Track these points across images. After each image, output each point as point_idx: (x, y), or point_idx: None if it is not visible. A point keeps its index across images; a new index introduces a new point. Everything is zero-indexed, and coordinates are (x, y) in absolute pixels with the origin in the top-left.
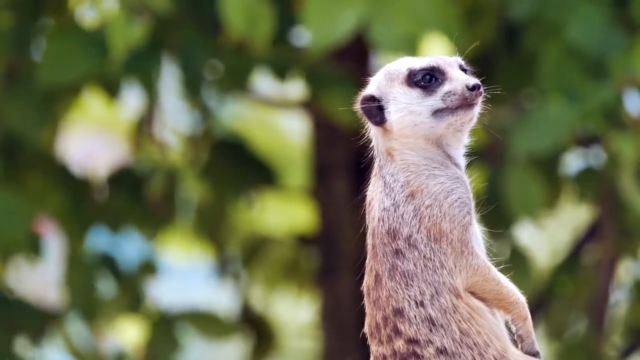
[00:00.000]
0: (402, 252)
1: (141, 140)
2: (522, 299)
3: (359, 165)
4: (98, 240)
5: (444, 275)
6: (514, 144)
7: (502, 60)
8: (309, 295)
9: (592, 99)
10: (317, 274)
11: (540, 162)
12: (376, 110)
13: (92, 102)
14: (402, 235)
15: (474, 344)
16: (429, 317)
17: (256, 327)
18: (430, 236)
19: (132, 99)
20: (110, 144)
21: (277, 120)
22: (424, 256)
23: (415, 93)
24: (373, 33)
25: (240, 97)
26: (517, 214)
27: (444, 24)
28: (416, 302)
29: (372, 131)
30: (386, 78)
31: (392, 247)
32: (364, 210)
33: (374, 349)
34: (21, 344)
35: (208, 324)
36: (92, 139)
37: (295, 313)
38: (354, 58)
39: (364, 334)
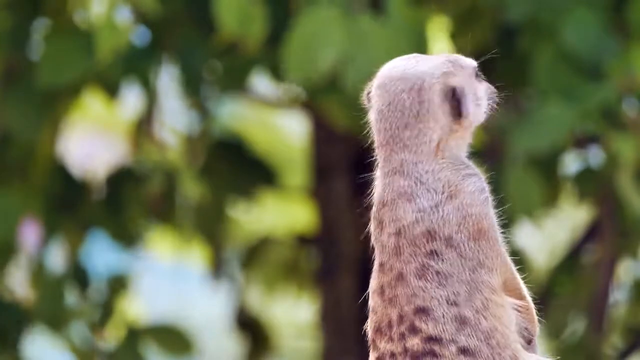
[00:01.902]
0: (437, 253)
1: (140, 140)
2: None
3: (359, 165)
4: (82, 252)
5: (482, 274)
6: (513, 144)
7: (499, 61)
8: (309, 295)
9: (591, 100)
10: (317, 274)
11: (540, 162)
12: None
13: (91, 102)
14: (440, 236)
15: (496, 344)
16: (459, 317)
17: (251, 330)
18: (470, 235)
19: (131, 99)
20: (109, 144)
21: (276, 120)
22: (462, 256)
23: (481, 87)
24: (349, 72)
25: (239, 97)
26: (516, 214)
27: (424, 43)
28: (448, 301)
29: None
30: (459, 70)
31: (426, 248)
32: (378, 209)
33: (382, 345)
34: (13, 345)
35: (171, 340)
36: (91, 139)
37: (295, 313)
38: None
39: (364, 334)
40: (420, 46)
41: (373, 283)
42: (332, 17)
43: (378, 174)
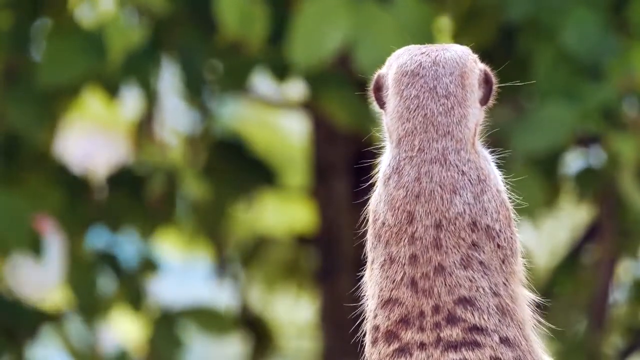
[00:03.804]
0: (478, 244)
1: (141, 140)
2: None
3: (359, 165)
4: (98, 239)
5: (512, 263)
6: (514, 144)
7: (500, 61)
8: (309, 295)
9: (592, 99)
10: (317, 274)
11: (540, 162)
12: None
13: (91, 102)
14: (481, 226)
15: (528, 335)
16: (500, 306)
17: (255, 328)
18: (504, 224)
19: (132, 99)
20: (110, 144)
21: (277, 120)
22: (499, 245)
23: None
24: (357, 55)
25: (240, 97)
26: (516, 214)
27: (429, 36)
28: (492, 291)
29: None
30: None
31: (469, 239)
32: (407, 201)
33: (408, 336)
34: (19, 345)
35: (209, 320)
36: (91, 138)
37: (295, 313)
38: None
39: (363, 334)
40: (426, 39)
41: (404, 276)
42: (338, 2)
43: (399, 165)
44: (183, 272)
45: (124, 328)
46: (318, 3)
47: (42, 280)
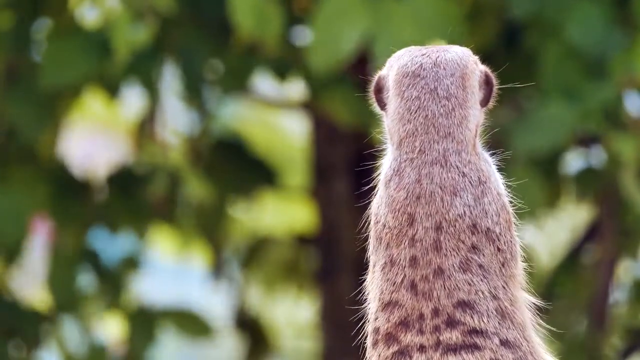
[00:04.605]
0: (478, 247)
1: (142, 140)
2: None
3: (360, 166)
4: (90, 238)
5: (512, 267)
6: (514, 144)
7: (502, 60)
8: (309, 295)
9: (592, 99)
10: (317, 274)
11: (541, 162)
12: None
13: (92, 102)
14: (481, 229)
15: (529, 337)
16: (500, 310)
17: (250, 330)
18: (504, 227)
19: (133, 99)
20: (110, 144)
21: (277, 120)
22: (499, 248)
23: None
24: (376, 52)
25: (240, 97)
26: (517, 214)
27: (446, 28)
28: (491, 294)
29: (474, 112)
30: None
31: (468, 242)
32: (408, 202)
33: (407, 338)
34: (17, 346)
35: (188, 323)
36: (92, 138)
37: (295, 313)
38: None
39: (364, 334)
40: (445, 33)
41: (403, 277)
42: (353, 0)
43: (400, 166)
44: (181, 273)
45: (109, 325)
46: (333, 4)
47: (26, 279)
